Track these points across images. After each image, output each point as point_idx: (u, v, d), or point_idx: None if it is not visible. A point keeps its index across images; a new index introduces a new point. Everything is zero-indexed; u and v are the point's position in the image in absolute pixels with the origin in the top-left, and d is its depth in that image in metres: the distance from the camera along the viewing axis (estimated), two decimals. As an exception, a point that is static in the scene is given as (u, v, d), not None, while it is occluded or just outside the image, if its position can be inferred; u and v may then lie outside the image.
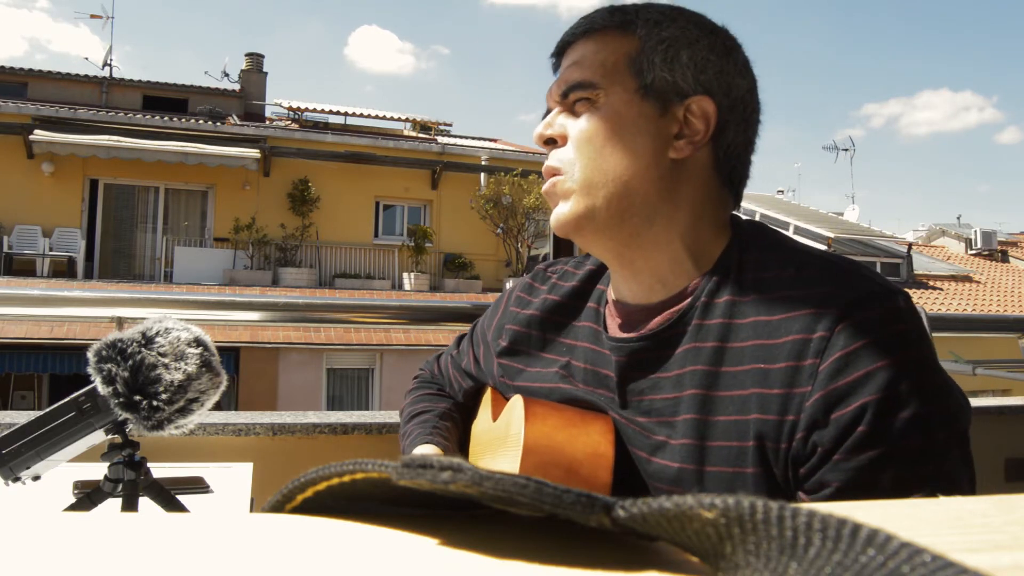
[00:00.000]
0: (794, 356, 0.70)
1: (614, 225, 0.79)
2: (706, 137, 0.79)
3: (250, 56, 17.08)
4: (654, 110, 0.78)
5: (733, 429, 0.72)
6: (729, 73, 0.80)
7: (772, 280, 0.75)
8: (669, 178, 0.79)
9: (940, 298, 13.20)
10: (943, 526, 0.28)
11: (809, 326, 0.70)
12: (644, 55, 0.79)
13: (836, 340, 0.68)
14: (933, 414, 0.66)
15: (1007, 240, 18.21)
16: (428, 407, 1.09)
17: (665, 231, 0.80)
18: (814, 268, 0.75)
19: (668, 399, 0.77)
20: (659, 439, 0.77)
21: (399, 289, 13.54)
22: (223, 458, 1.59)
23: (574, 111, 0.81)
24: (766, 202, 16.24)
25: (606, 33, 0.81)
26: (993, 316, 7.06)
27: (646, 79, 0.78)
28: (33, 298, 1.79)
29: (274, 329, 10.25)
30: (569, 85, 0.81)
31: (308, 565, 0.25)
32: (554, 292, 0.96)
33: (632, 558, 0.26)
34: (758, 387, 0.71)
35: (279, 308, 1.94)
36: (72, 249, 12.57)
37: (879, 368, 0.66)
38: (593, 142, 0.79)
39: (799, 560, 0.20)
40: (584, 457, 0.79)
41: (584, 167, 0.79)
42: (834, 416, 0.67)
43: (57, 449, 0.86)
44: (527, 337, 0.95)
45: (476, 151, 15.21)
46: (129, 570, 0.25)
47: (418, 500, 0.29)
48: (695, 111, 0.79)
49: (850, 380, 0.67)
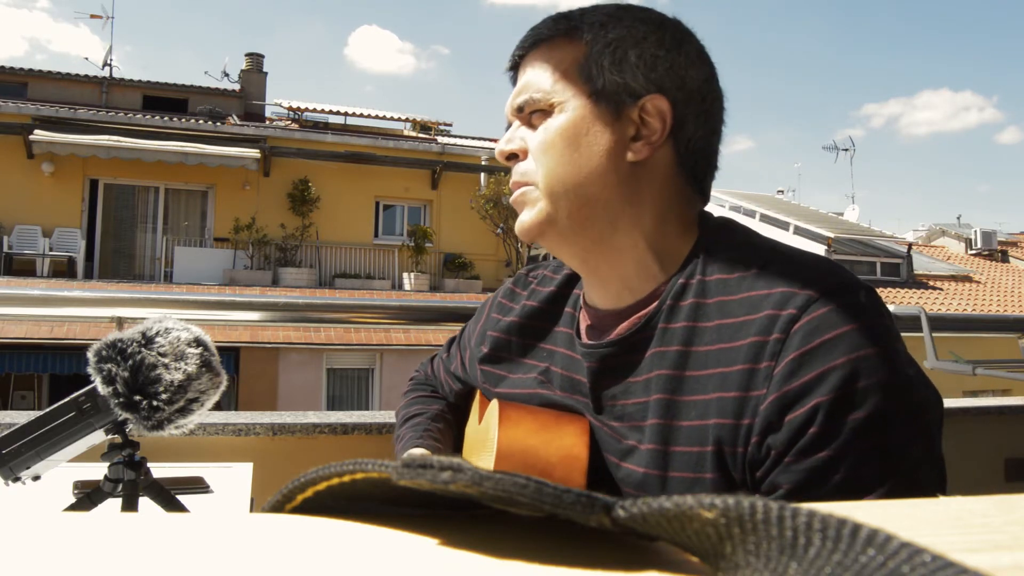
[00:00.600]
0: (751, 359, 0.69)
1: (576, 231, 0.80)
2: (663, 136, 0.78)
3: (250, 56, 17.08)
4: (608, 114, 0.78)
5: (695, 434, 0.72)
6: (681, 66, 0.79)
7: (735, 281, 0.75)
8: (629, 181, 0.79)
9: (940, 298, 13.20)
10: (943, 526, 0.28)
11: (766, 328, 0.69)
12: (592, 60, 0.79)
13: (791, 341, 0.67)
14: (890, 412, 0.65)
15: (1007, 240, 18.20)
16: (421, 409, 1.10)
17: (628, 236, 0.80)
18: (772, 268, 0.73)
19: (638, 404, 0.77)
20: (629, 443, 0.77)
21: (399, 289, 13.54)
22: (223, 458, 1.59)
23: (531, 124, 0.81)
24: (766, 202, 16.24)
25: (553, 43, 0.81)
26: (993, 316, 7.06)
27: (596, 84, 0.78)
28: (33, 298, 1.79)
29: (274, 329, 10.25)
30: (523, 100, 0.81)
31: (308, 565, 0.25)
32: (533, 297, 0.96)
33: (632, 558, 0.26)
34: (718, 391, 0.71)
35: (279, 308, 1.94)
36: (72, 249, 12.57)
37: (832, 368, 0.65)
38: (550, 151, 0.79)
39: (799, 560, 0.20)
40: (557, 460, 0.79)
41: (544, 176, 0.79)
42: (787, 418, 0.66)
43: (57, 449, 0.86)
44: (507, 344, 0.96)
45: (476, 151, 15.21)
46: (129, 570, 0.25)
47: (418, 500, 0.29)
48: (650, 110, 0.78)
49: (803, 381, 0.66)
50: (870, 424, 0.64)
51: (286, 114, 16.10)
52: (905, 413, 0.66)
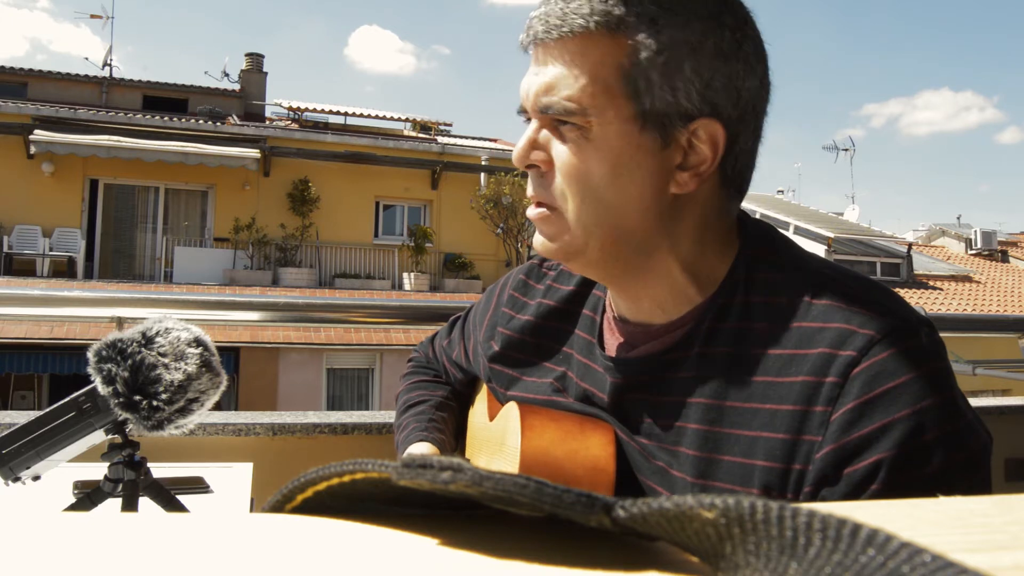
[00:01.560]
0: (804, 400, 0.64)
1: (606, 261, 0.73)
2: (713, 166, 0.69)
3: (250, 56, 17.08)
4: (655, 142, 0.68)
5: (737, 471, 0.67)
6: (739, 76, 0.68)
7: (784, 307, 0.68)
8: (669, 213, 0.71)
9: (940, 298, 13.20)
10: (943, 526, 0.28)
11: (822, 368, 0.64)
12: (640, 71, 0.66)
13: (850, 387, 0.62)
14: (954, 466, 0.61)
15: (1007, 240, 18.21)
16: (424, 396, 1.04)
17: (663, 263, 0.73)
18: (829, 296, 0.67)
19: (670, 427, 0.72)
20: (659, 464, 0.73)
21: (399, 289, 13.54)
22: (223, 458, 1.59)
23: (559, 131, 0.70)
24: (766, 202, 16.24)
25: (592, 36, 0.67)
26: (993, 316, 7.06)
27: (644, 103, 0.67)
28: (33, 298, 1.79)
29: (274, 329, 10.25)
30: (550, 103, 0.69)
31: (308, 565, 0.25)
32: (550, 296, 0.89)
33: (632, 558, 0.26)
34: (765, 430, 0.66)
35: (279, 308, 1.94)
36: (72, 249, 12.57)
37: (896, 420, 0.60)
38: (584, 182, 0.69)
39: (799, 560, 0.20)
40: (584, 473, 0.75)
41: (576, 208, 0.70)
42: (846, 472, 0.61)
43: (57, 449, 0.86)
44: (520, 344, 0.89)
45: (476, 151, 15.21)
46: (129, 570, 0.25)
47: (418, 500, 0.29)
48: (701, 136, 0.68)
49: (864, 433, 0.61)
50: (936, 480, 0.60)
51: (286, 114, 16.11)
52: (967, 464, 0.62)
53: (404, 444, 0.98)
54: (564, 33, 0.68)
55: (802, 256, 0.74)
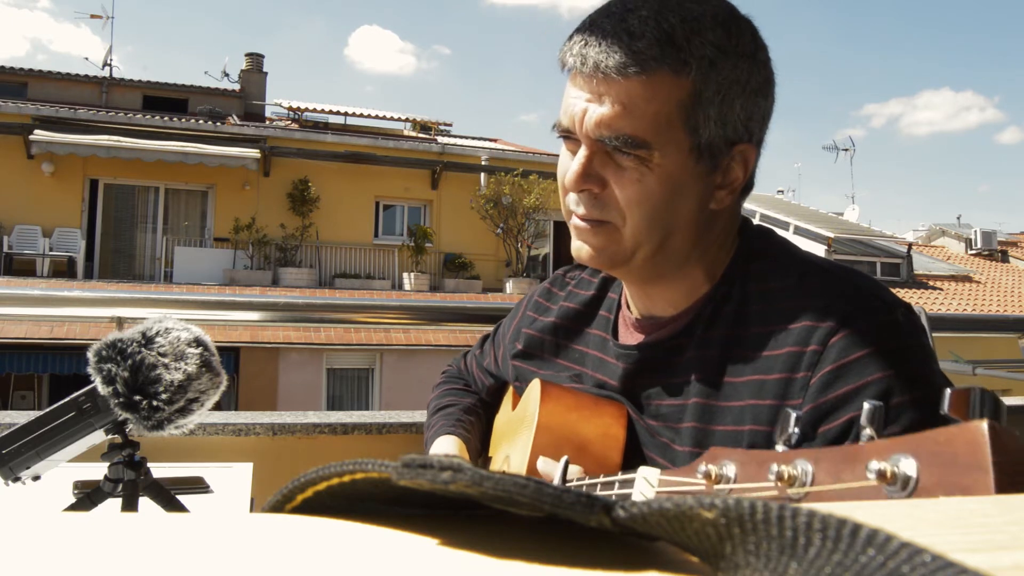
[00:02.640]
0: (788, 368, 0.70)
1: (647, 269, 0.80)
2: (744, 182, 0.78)
3: (250, 56, 17.08)
4: (705, 169, 0.75)
5: (729, 438, 0.73)
6: (767, 105, 0.77)
7: (775, 291, 0.76)
8: (705, 225, 0.79)
9: (940, 298, 13.20)
10: (943, 526, 0.28)
11: (804, 338, 0.70)
12: (700, 109, 0.72)
13: (828, 353, 0.68)
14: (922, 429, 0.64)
15: (1007, 240, 18.21)
16: (454, 401, 1.12)
17: (692, 268, 0.80)
18: (815, 278, 0.74)
19: (674, 405, 0.79)
20: (663, 440, 0.79)
21: (399, 289, 13.54)
22: (223, 458, 1.59)
23: (614, 159, 0.74)
24: (766, 202, 16.24)
25: (657, 75, 0.70)
26: (993, 316, 7.06)
27: (701, 137, 0.73)
28: (33, 298, 1.79)
29: (274, 329, 10.25)
30: (615, 136, 0.72)
31: (308, 565, 0.25)
32: (571, 299, 0.97)
33: (632, 558, 0.26)
34: (754, 398, 0.72)
35: (279, 308, 1.94)
36: (72, 249, 12.57)
37: (868, 383, 0.66)
38: (645, 206, 0.74)
39: (799, 560, 0.20)
40: (596, 436, 0.81)
41: (635, 225, 0.75)
42: (821, 430, 0.67)
43: (57, 449, 0.86)
44: (541, 342, 0.98)
45: (476, 151, 15.21)
46: (129, 570, 0.25)
47: (418, 500, 0.29)
48: (738, 159, 0.77)
49: (839, 394, 0.66)
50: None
51: (286, 114, 16.11)
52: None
53: (431, 440, 1.05)
54: (631, 73, 0.70)
55: (794, 249, 0.82)
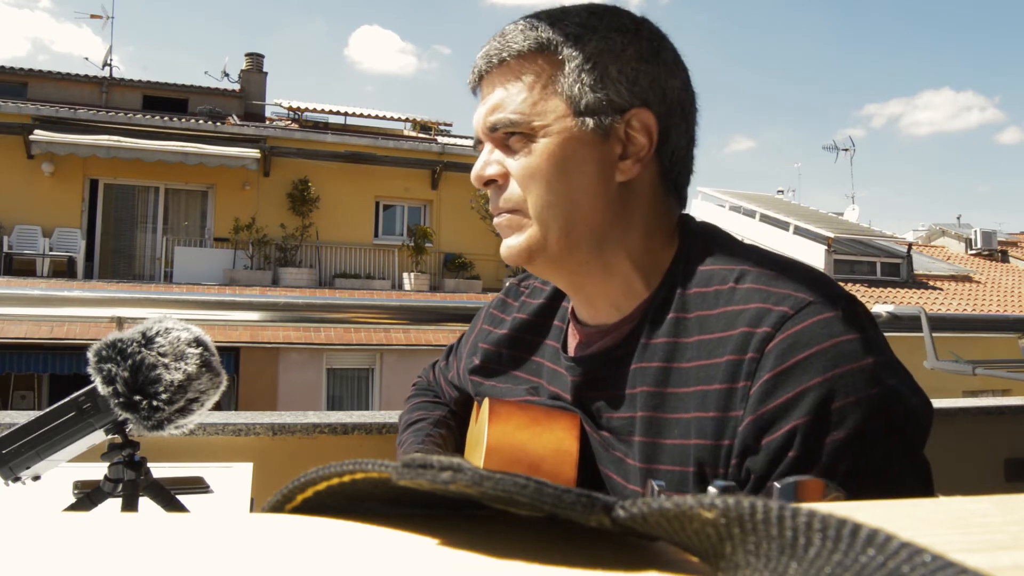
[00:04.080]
0: (728, 378, 0.68)
1: (565, 255, 0.78)
2: (651, 151, 0.76)
3: (250, 56, 17.08)
4: (594, 134, 0.75)
5: (677, 453, 0.71)
6: (662, 76, 0.77)
7: (712, 295, 0.73)
8: (618, 201, 0.77)
9: (940, 298, 13.20)
10: (943, 526, 0.28)
11: (741, 346, 0.68)
12: (571, 77, 0.75)
13: (765, 361, 0.66)
14: (869, 430, 0.63)
15: (1007, 240, 18.20)
16: (423, 415, 1.10)
17: (615, 255, 0.78)
18: (752, 279, 0.72)
19: (623, 418, 0.77)
20: (617, 455, 0.78)
21: (399, 289, 13.54)
22: (223, 458, 1.59)
23: (508, 146, 0.78)
24: (766, 202, 16.24)
25: (525, 59, 0.76)
26: (993, 316, 7.06)
27: (579, 104, 0.75)
28: (33, 298, 1.79)
29: (274, 329, 10.25)
30: (498, 123, 0.77)
31: (308, 565, 0.25)
32: (523, 310, 0.96)
33: (632, 558, 0.26)
34: (698, 410, 0.70)
35: (279, 308, 1.94)
36: (72, 249, 12.57)
37: (808, 388, 0.64)
38: (537, 179, 0.76)
39: (799, 560, 0.20)
40: (547, 454, 0.79)
41: (534, 203, 0.77)
42: (764, 441, 0.65)
43: (57, 449, 0.86)
44: (497, 356, 0.96)
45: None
46: (129, 570, 0.25)
47: (418, 500, 0.29)
48: (635, 126, 0.76)
49: (779, 403, 0.64)
50: (848, 445, 0.63)
51: (286, 114, 16.10)
52: (885, 428, 0.64)
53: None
54: (503, 59, 0.78)
55: (735, 248, 0.78)
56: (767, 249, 0.79)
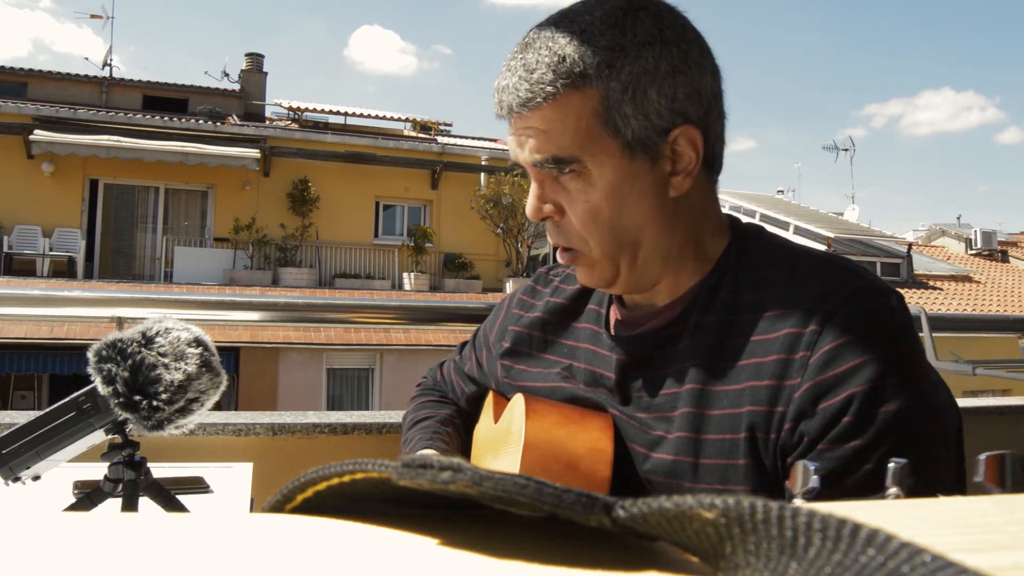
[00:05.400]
0: (786, 349, 0.71)
1: (638, 275, 0.81)
2: (698, 163, 0.77)
3: (250, 56, 17.07)
4: (645, 163, 0.76)
5: (727, 422, 0.73)
6: (695, 80, 0.76)
7: (769, 278, 0.77)
8: (675, 215, 0.79)
9: (940, 298, 13.20)
10: (943, 526, 0.28)
11: (802, 321, 0.71)
12: (613, 109, 0.74)
13: (826, 334, 0.70)
14: (918, 409, 0.68)
15: (1007, 240, 18.20)
16: (430, 413, 1.10)
17: (674, 257, 0.81)
18: (809, 266, 0.76)
19: (668, 395, 0.79)
20: (657, 434, 0.79)
21: (399, 289, 13.54)
22: (223, 458, 1.59)
23: (559, 182, 0.78)
24: (766, 202, 16.24)
25: (561, 98, 0.74)
26: (993, 316, 7.06)
27: (626, 135, 0.74)
28: (33, 298, 1.79)
29: (274, 329, 10.25)
30: (546, 160, 0.76)
31: (308, 565, 0.25)
32: (556, 295, 0.97)
33: (632, 558, 0.26)
34: (752, 380, 0.73)
35: (279, 308, 1.94)
36: (72, 249, 12.57)
37: (866, 361, 0.68)
38: (598, 219, 0.77)
39: (799, 560, 0.20)
40: (584, 452, 0.80)
41: (598, 243, 0.78)
42: (821, 406, 0.68)
43: (57, 449, 0.86)
44: (529, 338, 0.97)
45: (476, 151, 15.20)
46: (129, 570, 0.25)
47: (418, 500, 0.29)
48: (680, 143, 0.76)
49: (838, 372, 0.68)
50: (901, 418, 0.67)
51: (286, 114, 16.10)
52: (930, 413, 0.69)
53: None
54: (538, 104, 0.75)
55: (786, 242, 0.83)
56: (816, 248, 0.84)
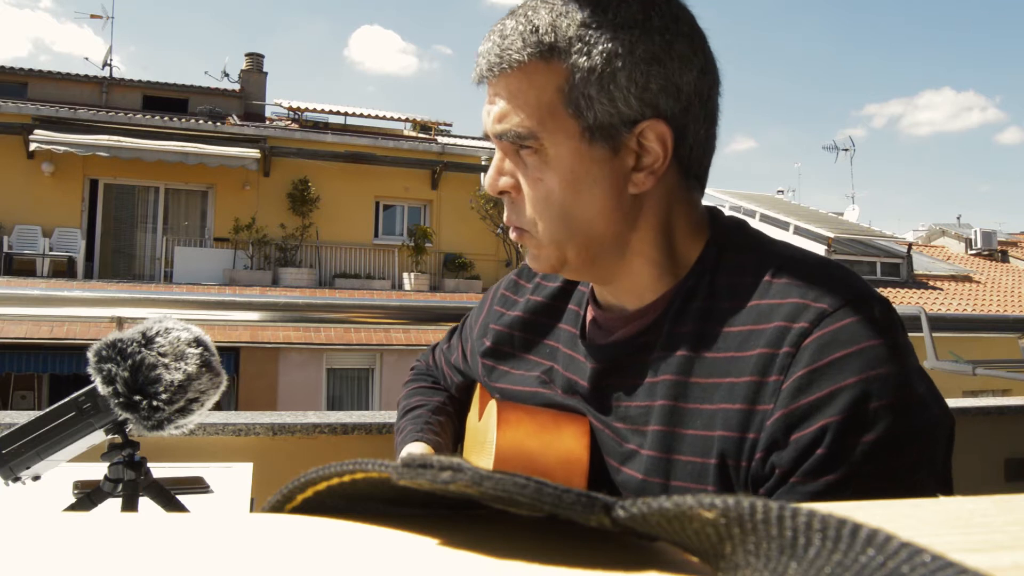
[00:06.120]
0: (759, 371, 0.67)
1: (587, 265, 0.78)
2: (665, 162, 0.73)
3: (250, 56, 17.07)
4: (605, 152, 0.72)
5: (699, 444, 0.69)
6: (674, 74, 0.71)
7: (746, 287, 0.72)
8: (633, 210, 0.75)
9: (940, 298, 13.20)
10: (943, 526, 0.28)
11: (776, 340, 0.67)
12: (578, 90, 0.70)
13: (800, 357, 0.65)
14: (899, 435, 0.63)
15: (1007, 240, 18.21)
16: (422, 401, 1.08)
17: (638, 256, 0.77)
18: (787, 274, 0.70)
19: (641, 407, 0.75)
20: (630, 447, 0.75)
21: (399, 289, 13.54)
22: (223, 458, 1.59)
23: (519, 156, 0.75)
24: (766, 202, 16.24)
25: (529, 67, 0.71)
26: (993, 316, 7.06)
27: (587, 119, 0.71)
28: (33, 298, 1.79)
29: (274, 329, 10.25)
30: (505, 134, 0.74)
31: (308, 565, 0.25)
32: (538, 292, 0.93)
33: (632, 558, 0.26)
34: (724, 402, 0.68)
35: (279, 308, 1.94)
36: (72, 249, 12.57)
37: (843, 388, 0.63)
38: (548, 201, 0.74)
39: (799, 560, 0.20)
40: (557, 463, 0.77)
41: (546, 227, 0.75)
42: (793, 437, 0.64)
43: (57, 449, 0.86)
44: (510, 338, 0.93)
45: (476, 151, 15.20)
46: (129, 570, 0.25)
47: (418, 500, 0.29)
48: (648, 136, 0.72)
49: (812, 400, 0.64)
50: (879, 447, 0.62)
51: (286, 114, 16.10)
52: (914, 435, 0.64)
53: (401, 446, 1.01)
54: (503, 69, 0.73)
55: (767, 241, 0.78)
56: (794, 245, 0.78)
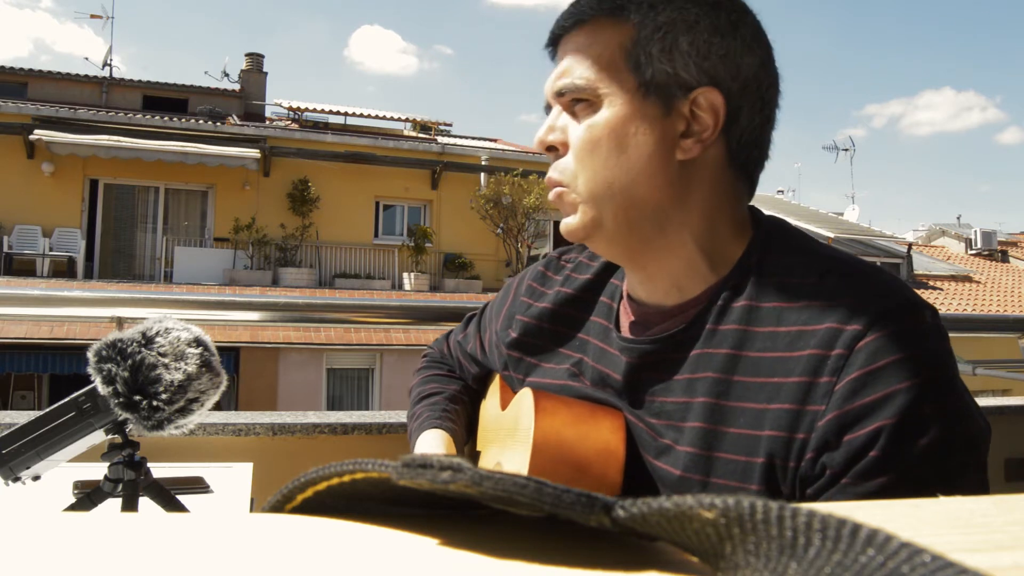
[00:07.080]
0: (810, 372, 0.66)
1: (623, 233, 0.76)
2: (715, 133, 0.73)
3: (250, 56, 17.08)
4: (657, 109, 0.73)
5: (743, 443, 0.69)
6: (736, 53, 0.73)
7: (793, 287, 0.71)
8: (679, 181, 0.74)
9: (940, 298, 13.20)
10: (943, 526, 0.28)
11: (828, 342, 0.66)
12: (640, 46, 0.73)
13: (855, 359, 0.65)
14: (951, 440, 0.63)
15: (1007, 240, 18.21)
16: (438, 388, 1.07)
17: (678, 235, 0.76)
18: (837, 276, 0.70)
19: (678, 403, 0.75)
20: (665, 442, 0.75)
21: (399, 289, 13.54)
22: (223, 458, 1.59)
23: (574, 112, 0.76)
24: (766, 202, 16.23)
25: (597, 22, 0.75)
26: (993, 316, 7.06)
27: (645, 74, 0.73)
28: (33, 298, 1.79)
29: (274, 329, 10.25)
30: (565, 88, 0.76)
31: (308, 565, 0.25)
32: (568, 284, 0.92)
33: (632, 558, 0.26)
34: (772, 402, 0.68)
35: (279, 308, 1.94)
36: (72, 249, 12.57)
37: (897, 391, 0.63)
38: (594, 152, 0.74)
39: (799, 560, 0.20)
40: (595, 455, 0.76)
41: (588, 180, 0.75)
42: (846, 438, 0.64)
43: (57, 449, 0.86)
44: (538, 330, 0.92)
45: (476, 151, 15.21)
46: (129, 570, 0.25)
47: (418, 500, 0.29)
48: (701, 104, 0.73)
49: (866, 402, 0.63)
50: (932, 451, 0.62)
51: (286, 114, 16.11)
52: (964, 442, 0.64)
53: (417, 432, 1.00)
54: (574, 23, 0.77)
55: (813, 243, 0.77)
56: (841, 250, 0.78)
